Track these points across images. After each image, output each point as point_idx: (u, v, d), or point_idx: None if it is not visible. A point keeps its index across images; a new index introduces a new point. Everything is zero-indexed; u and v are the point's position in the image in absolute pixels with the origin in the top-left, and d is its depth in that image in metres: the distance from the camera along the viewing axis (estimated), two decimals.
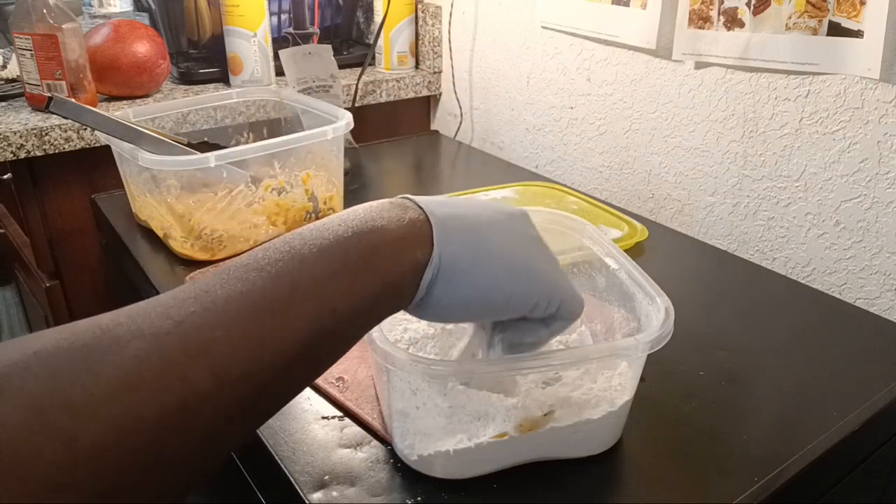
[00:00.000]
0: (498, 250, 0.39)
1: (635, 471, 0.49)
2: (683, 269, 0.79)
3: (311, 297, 0.32)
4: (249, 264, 0.32)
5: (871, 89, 0.70)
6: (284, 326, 0.31)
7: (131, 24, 1.12)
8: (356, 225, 0.35)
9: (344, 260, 0.34)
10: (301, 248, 0.33)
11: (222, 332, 0.29)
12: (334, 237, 0.34)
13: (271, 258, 0.33)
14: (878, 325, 0.67)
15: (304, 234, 0.35)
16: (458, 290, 0.37)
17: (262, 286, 0.31)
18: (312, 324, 0.32)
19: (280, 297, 0.31)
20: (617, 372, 0.50)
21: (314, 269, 0.33)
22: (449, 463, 0.46)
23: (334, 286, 0.33)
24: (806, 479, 0.49)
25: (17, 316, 1.37)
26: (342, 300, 0.33)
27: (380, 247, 0.35)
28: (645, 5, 0.89)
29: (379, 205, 0.37)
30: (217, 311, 0.30)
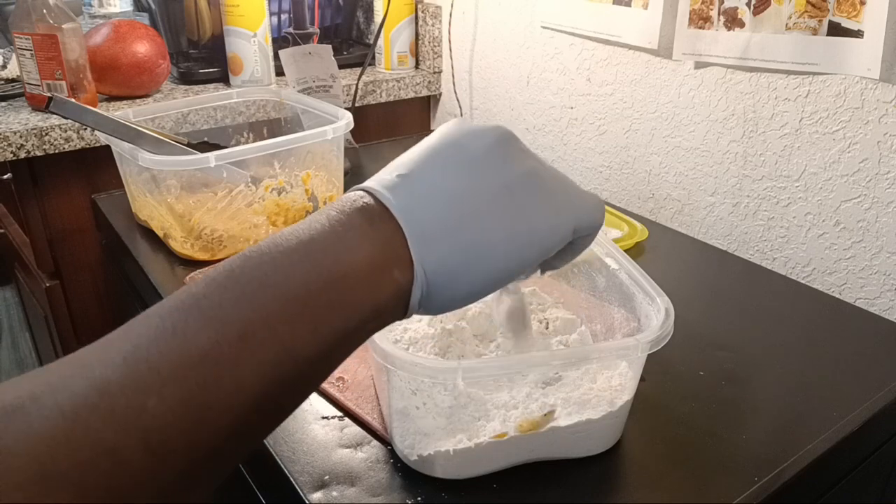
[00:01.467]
0: (490, 226, 0.33)
1: (635, 471, 0.49)
2: (683, 269, 0.79)
3: (265, 344, 0.27)
4: (185, 306, 0.27)
5: (871, 89, 0.70)
6: (233, 383, 0.26)
7: (131, 24, 1.12)
8: (315, 251, 0.29)
9: (304, 298, 0.28)
10: (248, 285, 0.28)
11: (155, 400, 0.24)
12: (289, 271, 0.28)
13: (213, 300, 0.27)
14: (878, 325, 0.67)
15: (251, 267, 0.29)
16: (456, 290, 0.33)
17: (202, 337, 0.26)
18: (269, 374, 0.27)
19: (225, 349, 0.26)
20: (617, 372, 0.50)
21: (267, 310, 0.27)
22: (449, 463, 0.46)
23: (294, 329, 0.28)
24: (806, 479, 0.49)
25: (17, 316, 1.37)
26: (305, 344, 0.28)
27: (347, 276, 0.29)
28: (647, 5, 0.89)
29: (338, 216, 0.31)
30: (148, 371, 0.25)
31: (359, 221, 0.31)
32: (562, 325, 0.57)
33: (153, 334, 0.26)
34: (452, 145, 0.35)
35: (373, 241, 0.31)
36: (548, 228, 0.35)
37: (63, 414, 0.23)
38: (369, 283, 0.30)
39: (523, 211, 0.34)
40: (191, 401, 0.25)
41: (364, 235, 0.31)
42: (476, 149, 0.34)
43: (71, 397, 0.24)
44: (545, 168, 0.36)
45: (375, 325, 0.32)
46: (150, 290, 0.74)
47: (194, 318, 0.27)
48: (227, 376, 0.26)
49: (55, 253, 1.04)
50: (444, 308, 0.34)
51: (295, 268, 0.29)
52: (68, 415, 0.23)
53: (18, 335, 1.36)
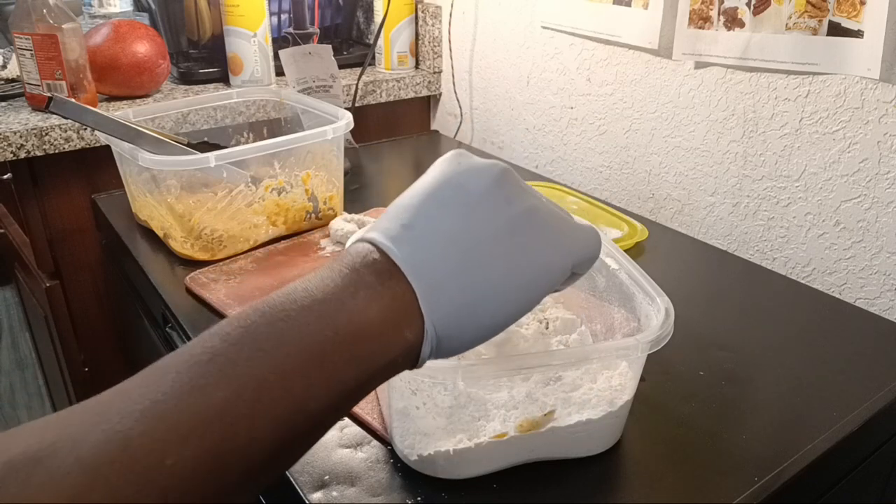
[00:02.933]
0: (495, 269, 0.33)
1: (635, 471, 0.49)
2: (683, 269, 0.79)
3: (280, 401, 0.28)
4: (202, 361, 0.28)
5: (871, 89, 0.70)
6: (248, 438, 0.27)
7: (131, 24, 1.12)
8: (328, 310, 0.30)
9: (318, 356, 0.29)
10: (265, 342, 0.28)
11: (174, 457, 0.25)
12: (304, 330, 0.29)
13: (229, 356, 0.28)
14: (878, 325, 0.67)
15: (266, 324, 0.29)
16: (464, 337, 0.33)
17: (219, 394, 0.26)
18: (282, 429, 0.28)
19: (241, 407, 0.27)
20: (617, 372, 0.50)
21: (282, 368, 0.28)
22: (449, 463, 0.46)
23: (307, 386, 0.28)
24: (806, 479, 0.49)
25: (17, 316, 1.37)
26: (318, 400, 0.29)
27: (360, 335, 0.30)
28: (647, 5, 0.89)
29: (350, 273, 0.32)
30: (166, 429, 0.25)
31: (369, 279, 0.31)
32: (562, 325, 0.57)
33: (170, 389, 0.26)
34: (452, 186, 0.35)
35: (383, 298, 0.31)
36: (550, 266, 0.35)
37: (83, 469, 0.24)
38: (381, 341, 0.31)
39: (525, 251, 0.34)
40: (207, 456, 0.26)
41: (375, 293, 0.31)
42: (476, 189, 0.34)
43: (91, 450, 0.24)
44: (543, 204, 0.37)
45: (384, 379, 0.32)
46: (150, 291, 0.74)
47: (211, 374, 0.27)
48: (243, 432, 0.27)
49: (55, 253, 1.04)
50: (452, 353, 0.34)
51: (310, 327, 0.29)
52: (89, 470, 0.24)
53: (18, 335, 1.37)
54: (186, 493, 0.25)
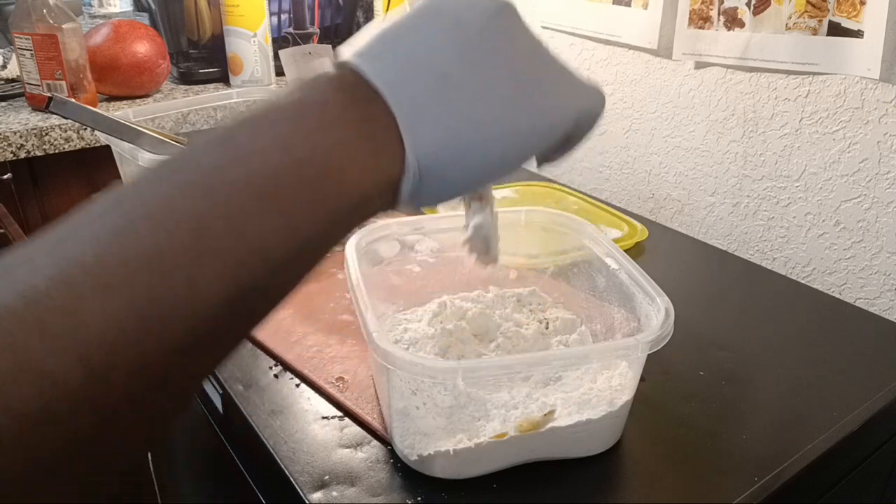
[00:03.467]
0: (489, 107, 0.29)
1: (635, 471, 0.49)
2: (683, 269, 0.79)
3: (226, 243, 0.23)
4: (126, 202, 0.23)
5: (871, 89, 0.70)
6: (188, 288, 0.22)
7: (131, 24, 1.13)
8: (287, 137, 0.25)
9: (274, 193, 0.24)
10: (206, 177, 0.23)
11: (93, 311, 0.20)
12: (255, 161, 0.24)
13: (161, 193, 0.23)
14: (878, 325, 0.67)
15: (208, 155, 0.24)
16: (450, 179, 0.29)
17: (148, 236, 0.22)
18: (233, 278, 0.23)
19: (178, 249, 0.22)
20: (617, 372, 0.50)
21: (228, 205, 0.23)
22: (449, 463, 0.46)
23: (262, 227, 0.23)
24: (806, 479, 0.49)
25: None
26: (277, 243, 0.24)
27: (326, 168, 0.25)
28: (647, 5, 0.89)
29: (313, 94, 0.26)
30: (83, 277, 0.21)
31: (336, 98, 0.26)
32: (562, 325, 0.57)
33: (87, 235, 0.22)
34: (443, 15, 0.29)
35: (356, 120, 0.26)
36: (551, 112, 0.31)
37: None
38: (351, 172, 0.26)
39: (525, 92, 0.30)
40: (137, 308, 0.21)
41: (345, 114, 0.26)
42: (472, 20, 0.29)
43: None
44: (547, 48, 0.32)
45: (358, 219, 0.28)
46: None
47: (139, 215, 0.22)
48: (181, 279, 0.22)
49: None
50: (435, 199, 0.30)
51: (263, 155, 0.24)
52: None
53: None
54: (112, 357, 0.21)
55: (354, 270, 0.51)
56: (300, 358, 0.58)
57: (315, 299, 0.68)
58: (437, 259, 0.66)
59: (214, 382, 0.58)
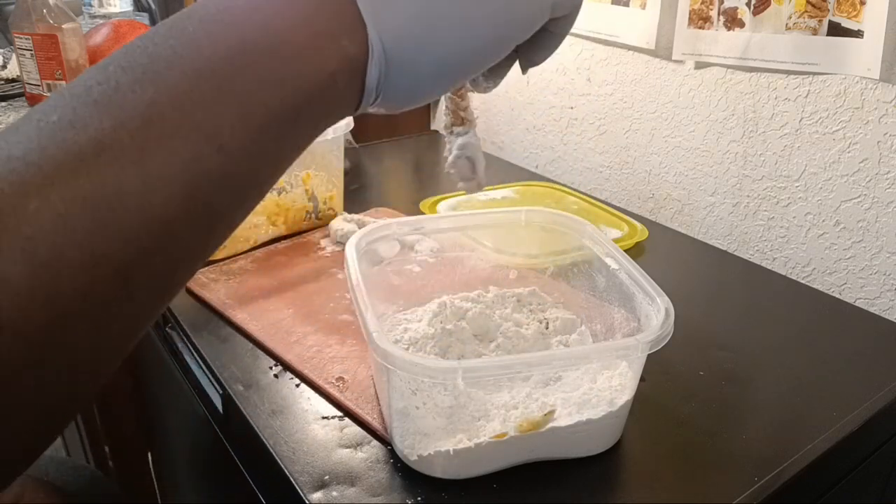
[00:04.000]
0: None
1: (635, 471, 0.49)
2: (683, 269, 0.79)
3: (178, 131, 0.22)
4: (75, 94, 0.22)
5: (871, 89, 0.70)
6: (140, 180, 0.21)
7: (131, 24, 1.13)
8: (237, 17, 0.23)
9: (225, 73, 0.23)
10: (153, 63, 0.22)
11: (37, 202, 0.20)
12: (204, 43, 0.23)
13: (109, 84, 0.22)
14: (878, 325, 0.67)
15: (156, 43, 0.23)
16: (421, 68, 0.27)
17: (95, 126, 0.21)
18: (187, 169, 0.22)
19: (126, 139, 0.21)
20: (617, 372, 0.50)
21: (177, 90, 0.22)
22: (449, 463, 0.46)
23: (215, 112, 0.22)
24: (806, 479, 0.49)
25: None
26: (233, 131, 0.23)
27: (280, 46, 0.23)
28: (644, 5, 0.89)
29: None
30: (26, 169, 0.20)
31: None
32: (562, 325, 0.57)
33: (32, 129, 0.21)
34: None
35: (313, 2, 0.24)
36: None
37: None
38: (309, 53, 0.24)
39: None
40: (85, 201, 0.20)
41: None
42: None
43: None
44: None
45: (322, 110, 0.25)
46: None
47: (86, 105, 0.21)
48: (132, 172, 0.21)
49: None
50: (407, 95, 0.28)
51: (211, 38, 0.23)
52: None
53: None
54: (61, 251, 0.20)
55: (354, 270, 0.51)
56: (300, 358, 0.58)
57: (315, 299, 0.68)
58: (437, 259, 0.66)
59: (214, 382, 0.58)
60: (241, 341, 0.62)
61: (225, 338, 0.62)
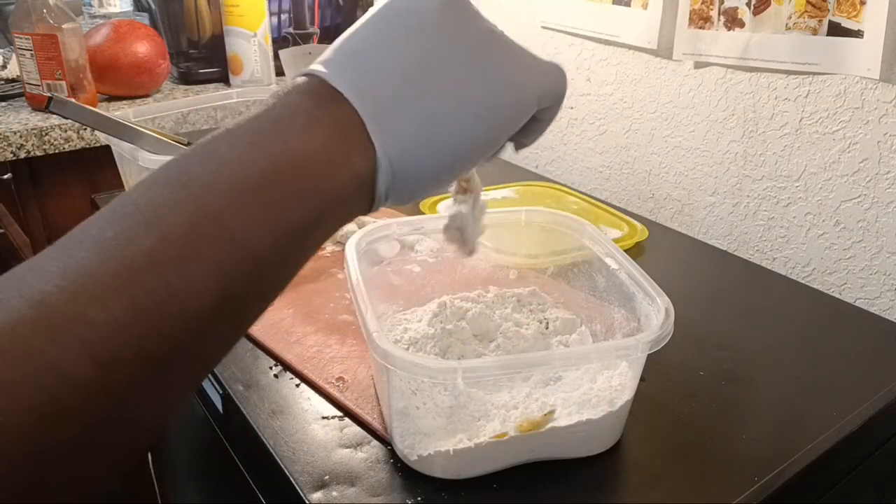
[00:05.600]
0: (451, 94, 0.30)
1: (635, 471, 0.49)
2: (683, 269, 0.79)
3: (215, 243, 0.25)
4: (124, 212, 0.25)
5: (871, 89, 0.70)
6: (183, 286, 0.24)
7: (131, 24, 1.13)
8: (262, 140, 0.27)
9: (254, 190, 0.26)
10: (192, 182, 0.26)
11: (98, 310, 0.23)
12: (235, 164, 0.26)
13: (154, 201, 0.25)
14: (878, 325, 0.67)
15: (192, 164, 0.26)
16: (422, 170, 0.30)
17: (145, 241, 0.24)
18: (223, 275, 0.25)
19: (171, 251, 0.24)
20: (617, 372, 0.50)
21: (214, 206, 0.25)
22: (449, 463, 0.46)
23: (246, 224, 0.26)
24: (806, 479, 0.49)
25: None
26: (261, 240, 0.26)
27: (300, 165, 0.27)
28: (646, 5, 0.89)
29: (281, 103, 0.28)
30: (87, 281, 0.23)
31: (306, 105, 0.28)
32: (562, 325, 0.57)
33: (90, 244, 0.24)
34: (398, 11, 0.31)
35: (323, 122, 0.28)
36: (512, 94, 0.32)
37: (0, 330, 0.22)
38: (326, 171, 0.28)
39: (485, 76, 0.31)
40: (138, 308, 0.23)
41: (313, 118, 0.28)
42: (425, 11, 0.31)
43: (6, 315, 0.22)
44: (501, 32, 0.33)
45: (337, 217, 0.29)
46: None
47: (136, 222, 0.25)
48: (176, 279, 0.24)
49: None
50: (413, 194, 0.31)
51: (241, 160, 0.26)
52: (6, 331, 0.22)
53: None
54: (117, 351, 0.23)
55: (354, 270, 0.51)
56: (300, 358, 0.58)
57: (315, 299, 0.68)
58: (437, 259, 0.66)
59: (214, 382, 0.58)
60: (241, 341, 0.61)
61: None
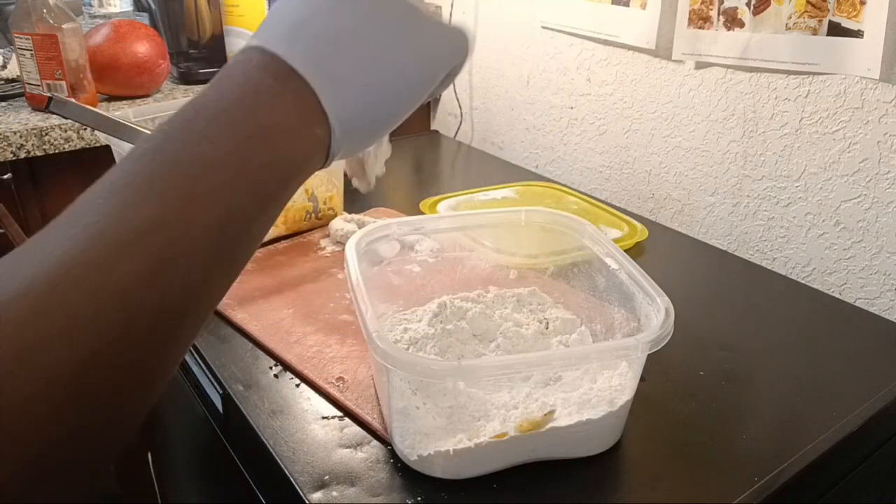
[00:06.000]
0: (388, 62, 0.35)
1: (635, 471, 0.49)
2: (683, 269, 0.79)
3: (210, 209, 0.29)
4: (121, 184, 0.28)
5: (871, 89, 0.70)
6: (185, 244, 0.28)
7: (131, 24, 1.13)
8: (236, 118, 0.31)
9: (237, 164, 0.30)
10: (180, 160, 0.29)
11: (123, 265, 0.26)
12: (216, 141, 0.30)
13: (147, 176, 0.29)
14: (878, 325, 0.67)
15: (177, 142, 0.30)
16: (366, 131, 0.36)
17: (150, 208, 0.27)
18: (217, 235, 0.29)
19: (173, 216, 0.28)
20: (617, 372, 0.50)
21: (207, 182, 0.29)
22: (449, 463, 0.46)
23: (234, 193, 0.30)
24: (806, 479, 0.49)
25: None
26: (246, 204, 0.30)
27: (272, 137, 0.31)
28: (645, 5, 0.89)
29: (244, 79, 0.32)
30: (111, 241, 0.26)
31: (268, 82, 0.32)
32: (562, 325, 0.57)
33: (102, 210, 0.27)
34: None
35: (287, 99, 0.32)
36: (431, 61, 0.38)
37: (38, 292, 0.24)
38: (293, 141, 0.32)
39: (410, 46, 0.36)
40: (151, 262, 0.27)
41: (278, 96, 0.32)
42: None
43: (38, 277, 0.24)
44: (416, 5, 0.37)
45: (302, 176, 0.34)
46: None
47: (139, 193, 0.28)
48: (180, 239, 0.28)
49: None
50: (358, 148, 0.37)
51: (221, 136, 0.30)
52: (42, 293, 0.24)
53: None
54: (138, 302, 0.26)
55: (354, 270, 0.51)
56: (300, 358, 0.58)
57: (315, 299, 0.68)
58: (437, 259, 0.66)
59: (214, 382, 0.58)
60: (241, 341, 0.62)
61: (225, 338, 0.62)
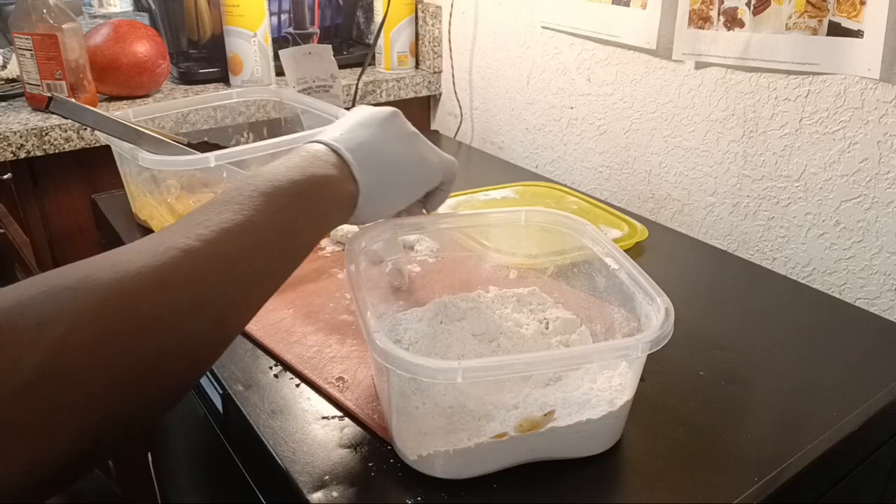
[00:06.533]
0: (396, 162, 0.54)
1: (635, 471, 0.49)
2: (683, 269, 0.79)
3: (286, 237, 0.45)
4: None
5: (871, 89, 0.70)
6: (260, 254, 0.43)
7: (131, 24, 1.13)
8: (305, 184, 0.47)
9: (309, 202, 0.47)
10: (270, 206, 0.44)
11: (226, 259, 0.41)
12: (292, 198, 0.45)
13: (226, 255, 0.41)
14: (878, 325, 0.67)
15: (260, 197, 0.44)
16: (378, 203, 0.52)
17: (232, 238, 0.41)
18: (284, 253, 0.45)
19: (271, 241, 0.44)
20: (617, 372, 0.50)
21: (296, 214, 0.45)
22: (449, 463, 0.46)
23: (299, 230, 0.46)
24: (806, 479, 0.49)
25: None
26: (305, 235, 0.46)
27: (326, 185, 0.48)
28: (645, 5, 0.89)
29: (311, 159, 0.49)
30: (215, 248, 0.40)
31: (324, 157, 0.50)
32: (562, 325, 0.57)
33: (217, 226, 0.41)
34: (368, 113, 0.56)
35: (332, 166, 0.49)
36: (426, 167, 0.56)
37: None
38: (336, 196, 0.49)
39: (414, 154, 0.55)
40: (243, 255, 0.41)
41: (327, 164, 0.49)
42: (382, 116, 0.56)
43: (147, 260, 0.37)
44: (421, 135, 0.57)
45: (336, 220, 0.51)
46: None
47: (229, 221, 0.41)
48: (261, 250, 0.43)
49: (55, 253, 1.04)
50: (369, 218, 0.54)
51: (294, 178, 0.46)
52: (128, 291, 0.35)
53: None
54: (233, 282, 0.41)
55: (354, 270, 0.51)
56: (300, 358, 0.58)
57: (315, 299, 0.68)
58: (437, 259, 0.66)
59: (214, 382, 0.58)
60: (241, 341, 0.62)
61: None
